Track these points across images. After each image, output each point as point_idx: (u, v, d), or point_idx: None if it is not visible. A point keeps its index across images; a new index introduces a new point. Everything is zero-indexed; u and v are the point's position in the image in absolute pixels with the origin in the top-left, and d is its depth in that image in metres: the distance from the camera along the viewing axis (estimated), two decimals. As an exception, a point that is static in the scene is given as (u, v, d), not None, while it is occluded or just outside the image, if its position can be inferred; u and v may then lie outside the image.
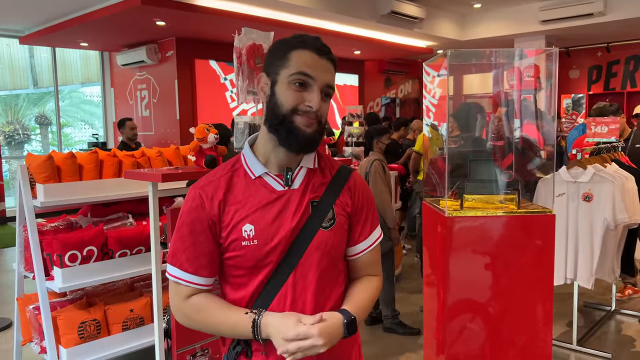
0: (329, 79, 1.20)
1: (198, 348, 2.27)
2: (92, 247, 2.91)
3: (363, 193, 1.32)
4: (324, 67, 1.19)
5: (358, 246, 1.31)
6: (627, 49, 10.23)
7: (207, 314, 1.20)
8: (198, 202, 1.20)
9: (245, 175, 1.23)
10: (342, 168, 1.32)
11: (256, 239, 1.18)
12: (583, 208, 3.38)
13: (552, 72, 2.57)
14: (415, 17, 7.98)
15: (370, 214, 1.33)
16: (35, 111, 11.27)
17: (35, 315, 2.97)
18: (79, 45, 8.60)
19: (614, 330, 3.89)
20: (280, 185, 1.22)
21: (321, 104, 1.18)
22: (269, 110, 1.20)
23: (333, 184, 1.27)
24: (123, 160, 3.20)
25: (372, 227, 1.33)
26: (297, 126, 1.17)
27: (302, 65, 1.17)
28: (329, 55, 1.21)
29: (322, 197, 1.24)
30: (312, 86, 1.18)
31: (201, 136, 2.21)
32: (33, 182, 2.89)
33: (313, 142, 1.20)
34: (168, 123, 8.19)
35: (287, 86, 1.18)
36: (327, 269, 1.24)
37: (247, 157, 1.26)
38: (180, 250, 1.21)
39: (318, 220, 1.22)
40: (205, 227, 1.20)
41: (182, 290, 1.22)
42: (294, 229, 1.20)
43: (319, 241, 1.21)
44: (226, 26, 6.83)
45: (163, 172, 2.04)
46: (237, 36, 2.37)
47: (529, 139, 3.26)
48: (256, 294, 1.21)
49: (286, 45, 1.21)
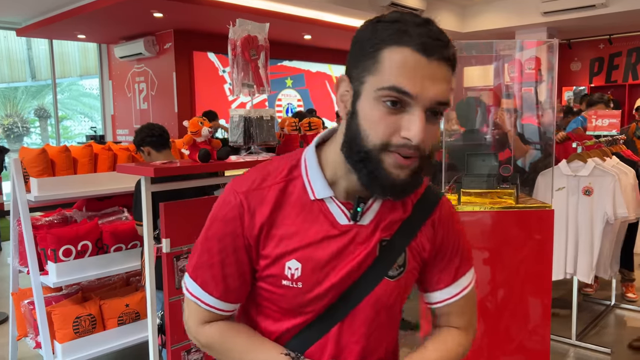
0: (439, 93, 0.81)
1: (193, 344, 2.25)
2: (86, 241, 2.88)
3: (450, 230, 1.01)
4: (434, 74, 0.80)
5: (436, 295, 1.03)
6: (629, 41, 10.14)
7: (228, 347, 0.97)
8: (236, 213, 0.92)
9: (303, 192, 0.93)
10: (428, 193, 1.00)
11: (301, 282, 0.91)
12: (583, 202, 3.35)
13: (553, 64, 2.53)
14: (415, 8, 7.91)
15: (457, 257, 1.02)
16: (34, 104, 11.24)
17: (30, 310, 2.95)
18: (77, 37, 8.55)
19: (614, 325, 3.86)
20: (345, 218, 0.92)
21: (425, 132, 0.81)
22: (349, 137, 0.86)
23: (412, 218, 0.96)
24: (118, 154, 3.17)
25: (459, 274, 1.02)
26: (386, 169, 0.83)
27: (396, 76, 0.80)
28: (442, 52, 0.80)
29: (394, 237, 0.95)
30: (412, 107, 0.81)
31: (195, 130, 2.17)
32: (27, 176, 2.86)
33: (407, 189, 0.87)
34: (166, 116, 8.14)
35: (374, 104, 0.82)
36: (382, 327, 0.98)
37: (310, 168, 0.94)
38: (204, 266, 0.95)
39: (384, 267, 0.94)
40: (240, 245, 0.93)
41: (199, 314, 0.98)
42: (351, 275, 0.92)
43: (381, 293, 0.94)
44: (224, 18, 6.72)
45: (155, 166, 2.00)
46: (232, 27, 2.32)
47: (529, 130, 3.23)
48: (290, 334, 0.97)
49: (376, 36, 0.82)
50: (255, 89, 2.35)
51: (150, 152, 2.79)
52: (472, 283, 1.05)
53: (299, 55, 9.81)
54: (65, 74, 10.55)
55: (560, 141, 4.40)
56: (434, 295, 1.03)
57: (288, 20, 7.24)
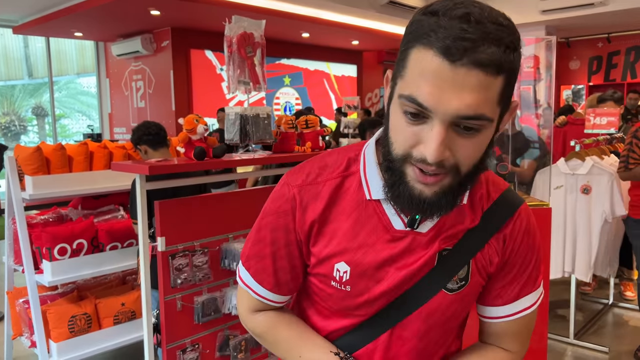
0: (465, 106, 0.68)
1: (188, 343, 2.23)
2: (82, 240, 2.87)
3: (522, 244, 0.89)
4: (460, 82, 0.67)
5: (492, 310, 0.93)
6: (627, 40, 10.14)
7: (278, 338, 0.96)
8: (289, 206, 0.89)
9: (358, 189, 0.87)
10: (502, 202, 0.88)
11: (349, 286, 0.86)
12: (581, 200, 3.34)
13: (551, 62, 2.51)
14: (414, 6, 7.89)
15: (525, 275, 0.90)
16: (31, 102, 11.20)
17: (25, 309, 2.93)
18: (74, 35, 8.51)
19: (611, 324, 3.86)
20: (401, 223, 0.85)
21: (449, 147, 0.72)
22: (384, 137, 0.81)
23: (481, 227, 0.86)
24: (114, 152, 3.15)
25: (523, 292, 0.91)
26: (409, 182, 0.76)
27: (416, 84, 0.70)
28: (474, 54, 0.66)
29: (456, 246, 0.85)
30: (432, 120, 0.71)
31: (190, 127, 2.15)
32: (22, 174, 2.84)
33: (435, 207, 0.77)
34: (163, 114, 8.12)
35: (399, 111, 0.75)
36: (437, 342, 0.92)
37: (368, 164, 0.87)
38: (257, 257, 0.93)
39: (443, 278, 0.85)
40: (292, 240, 0.90)
41: (250, 302, 0.97)
42: (404, 284, 0.85)
43: (436, 306, 0.86)
44: (222, 15, 6.67)
45: (150, 164, 1.98)
46: (228, 25, 2.31)
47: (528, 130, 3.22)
48: (339, 333, 0.93)
49: (411, 31, 0.72)
50: (252, 86, 2.34)
51: (147, 151, 2.77)
52: (536, 304, 0.93)
53: (297, 53, 9.79)
54: (63, 72, 10.51)
55: (560, 125, 4.44)
56: (489, 310, 0.93)
57: (286, 17, 7.21)
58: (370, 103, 11.63)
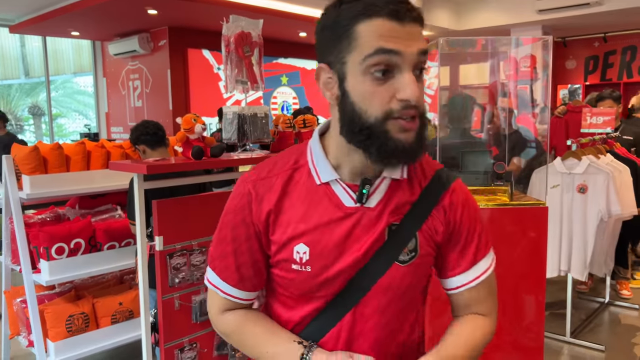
0: (421, 47, 0.84)
1: (186, 342, 2.23)
2: (79, 239, 2.87)
3: (463, 214, 0.98)
4: (411, 33, 0.83)
5: (456, 279, 1.01)
6: (624, 39, 10.17)
7: (245, 336, 1.00)
8: (245, 201, 0.96)
9: (308, 178, 0.95)
10: (437, 178, 0.98)
11: (310, 266, 0.92)
12: (577, 200, 3.35)
13: (547, 62, 2.52)
14: (411, 6, 7.91)
15: (474, 240, 1.00)
16: (28, 101, 11.17)
17: (22, 309, 2.93)
18: (70, 34, 8.48)
19: (607, 322, 3.88)
20: (351, 200, 0.93)
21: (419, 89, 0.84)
22: (346, 119, 0.88)
23: (422, 201, 0.95)
24: (111, 152, 3.14)
25: (478, 257, 1.00)
26: (393, 137, 0.84)
27: (378, 42, 0.81)
28: (411, 13, 0.83)
29: (403, 221, 0.93)
30: (401, 67, 0.82)
31: (188, 126, 2.15)
32: (19, 174, 2.84)
33: (418, 150, 0.87)
34: (161, 113, 8.10)
35: (363, 78, 0.84)
36: (398, 311, 0.97)
37: (315, 154, 0.96)
38: (220, 257, 0.99)
39: (394, 252, 0.93)
40: (251, 233, 0.96)
41: (219, 302, 1.02)
42: (360, 260, 0.92)
43: (392, 279, 0.93)
44: (219, 15, 6.64)
45: (148, 164, 1.98)
46: (225, 24, 2.31)
47: (525, 129, 3.23)
48: (305, 322, 0.98)
49: (344, 16, 0.84)
50: (249, 85, 2.34)
51: (145, 150, 2.77)
52: (492, 266, 1.03)
53: (295, 52, 9.78)
54: (59, 71, 10.48)
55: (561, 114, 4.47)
56: (452, 281, 1.01)
57: (283, 17, 7.21)
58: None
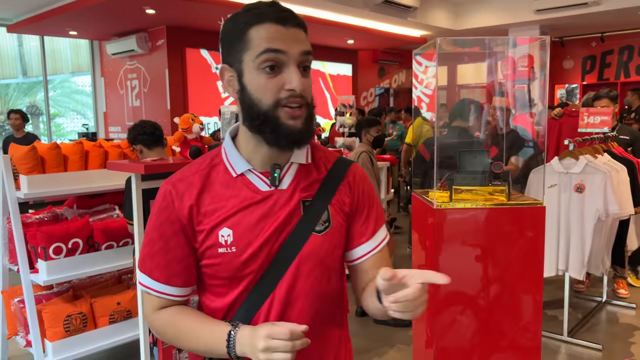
0: (303, 47, 0.99)
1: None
2: (77, 239, 2.86)
3: (364, 188, 1.15)
4: (294, 36, 0.99)
5: (362, 248, 1.13)
6: (621, 39, 10.19)
7: (178, 329, 1.05)
8: (168, 200, 1.05)
9: (225, 172, 1.06)
10: (339, 161, 1.16)
11: (234, 246, 1.02)
12: (575, 199, 3.36)
13: (545, 61, 2.53)
14: (409, 5, 7.90)
15: (374, 211, 1.15)
16: (25, 101, 11.14)
17: (20, 309, 2.93)
18: (68, 34, 8.48)
19: (605, 321, 3.89)
20: (265, 185, 1.05)
21: (303, 82, 0.99)
22: (246, 109, 1.02)
23: (328, 180, 1.10)
24: (109, 151, 3.14)
25: (377, 226, 1.15)
26: (284, 122, 0.99)
27: (268, 41, 0.97)
28: (295, 20, 1.00)
29: (315, 197, 1.07)
30: (287, 63, 0.98)
31: (186, 126, 2.16)
32: (16, 173, 2.83)
33: (306, 134, 1.02)
34: (159, 113, 8.10)
35: (256, 73, 0.98)
36: (321, 281, 1.08)
37: (228, 151, 1.08)
38: (149, 256, 1.06)
39: (310, 224, 1.05)
40: (177, 229, 1.04)
41: (152, 302, 1.08)
42: (280, 234, 1.03)
43: (311, 248, 1.05)
44: (217, 14, 6.66)
45: (146, 164, 1.98)
46: (222, 23, 2.31)
47: (522, 129, 3.24)
48: (236, 305, 1.05)
49: (239, 22, 1.00)
50: (247, 85, 2.34)
51: (142, 150, 2.77)
52: (387, 237, 1.18)
53: (293, 52, 9.77)
54: (57, 70, 10.46)
55: (557, 117, 4.47)
56: (359, 250, 1.13)
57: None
58: (365, 102, 11.64)
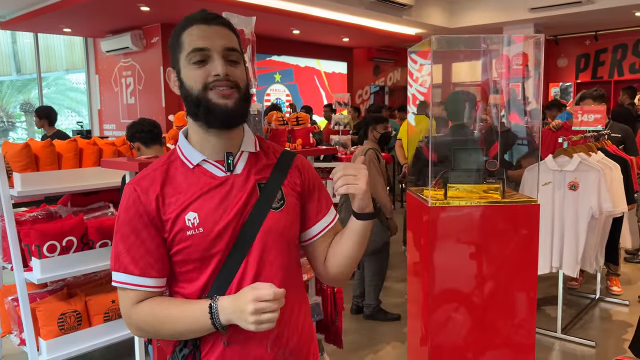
0: (225, 43, 1.13)
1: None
2: (71, 237, 2.85)
3: (312, 174, 1.29)
4: (217, 33, 1.13)
5: (317, 225, 1.27)
6: (615, 38, 10.24)
7: (159, 317, 1.10)
8: (134, 197, 1.13)
9: (182, 166, 1.17)
10: (286, 151, 1.30)
11: (201, 227, 1.11)
12: (569, 197, 3.38)
13: (539, 59, 2.54)
14: (404, 3, 7.91)
15: (323, 193, 1.30)
16: (19, 98, 11.07)
17: (14, 307, 2.91)
18: (62, 31, 8.43)
19: (598, 318, 3.91)
20: (221, 172, 1.16)
21: (228, 69, 1.12)
22: (185, 100, 1.15)
23: (279, 164, 1.24)
24: (103, 149, 3.13)
25: (328, 206, 1.30)
26: (215, 102, 1.11)
27: (193, 42, 1.12)
28: (217, 19, 1.15)
29: (269, 178, 1.20)
30: (211, 56, 1.12)
31: (180, 124, 2.15)
32: (10, 171, 2.82)
33: (237, 112, 1.13)
34: (154, 111, 8.07)
35: (188, 68, 1.13)
36: (283, 252, 1.19)
37: (182, 147, 1.19)
38: (123, 252, 1.12)
39: (267, 202, 1.17)
40: (146, 221, 1.12)
41: (130, 296, 1.12)
42: (241, 213, 1.14)
43: (271, 223, 1.16)
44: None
45: (140, 161, 1.98)
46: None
47: (516, 127, 3.25)
48: (209, 284, 1.13)
49: (176, 30, 1.16)
50: (242, 83, 2.34)
51: (140, 148, 2.76)
52: (337, 216, 1.32)
53: (288, 50, 9.78)
54: (51, 68, 10.40)
55: (555, 129, 4.44)
56: (318, 226, 1.27)
57: (277, 14, 7.20)
58: (360, 100, 11.65)
